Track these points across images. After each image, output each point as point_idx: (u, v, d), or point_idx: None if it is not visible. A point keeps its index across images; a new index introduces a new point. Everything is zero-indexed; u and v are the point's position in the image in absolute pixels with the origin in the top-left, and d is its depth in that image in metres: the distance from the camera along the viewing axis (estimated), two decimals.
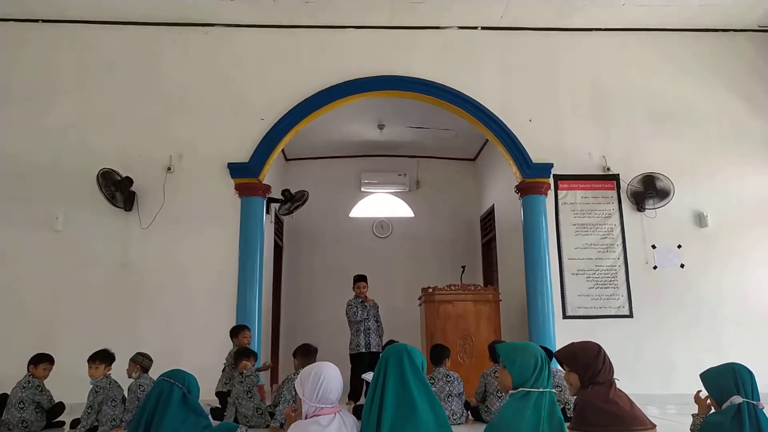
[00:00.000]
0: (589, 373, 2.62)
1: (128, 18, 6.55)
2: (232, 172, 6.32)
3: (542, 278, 6.25)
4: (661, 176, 6.39)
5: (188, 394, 2.73)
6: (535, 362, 2.38)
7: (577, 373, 2.66)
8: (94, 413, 4.40)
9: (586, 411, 2.54)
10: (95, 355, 4.57)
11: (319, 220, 9.64)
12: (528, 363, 2.38)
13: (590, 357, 2.65)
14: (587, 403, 2.56)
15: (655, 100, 6.77)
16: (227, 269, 6.13)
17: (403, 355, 2.39)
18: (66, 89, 6.48)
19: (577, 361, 2.67)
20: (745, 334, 6.18)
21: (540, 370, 2.36)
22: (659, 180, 6.38)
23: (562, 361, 2.76)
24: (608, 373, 2.64)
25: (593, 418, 2.50)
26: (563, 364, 2.75)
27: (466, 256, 9.41)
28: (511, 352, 2.46)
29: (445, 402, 4.69)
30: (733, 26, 6.89)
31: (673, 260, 6.41)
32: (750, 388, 2.65)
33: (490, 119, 6.55)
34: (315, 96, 6.49)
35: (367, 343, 6.37)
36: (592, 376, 2.61)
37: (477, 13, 6.59)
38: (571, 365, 2.70)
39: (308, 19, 6.58)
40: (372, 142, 9.38)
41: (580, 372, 2.64)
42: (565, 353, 2.76)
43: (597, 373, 2.61)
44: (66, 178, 6.24)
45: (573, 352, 2.72)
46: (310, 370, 2.41)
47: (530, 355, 2.41)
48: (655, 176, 6.40)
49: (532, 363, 2.37)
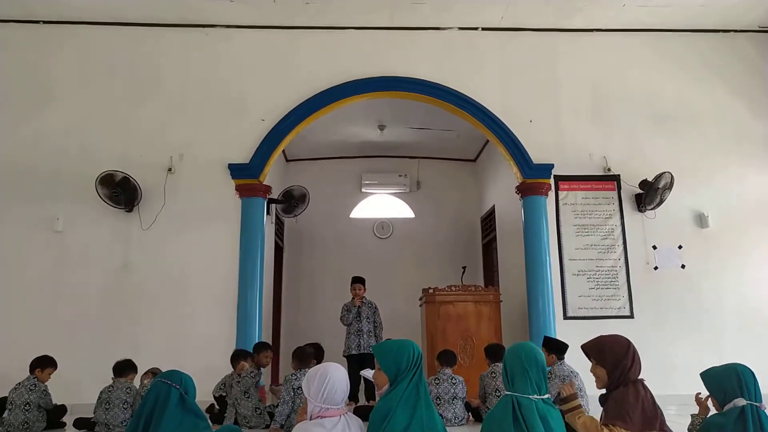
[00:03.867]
0: (619, 369, 2.61)
1: (129, 19, 6.54)
2: (232, 172, 6.32)
3: (543, 279, 6.25)
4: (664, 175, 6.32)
5: (186, 396, 2.72)
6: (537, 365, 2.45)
7: (605, 368, 2.65)
8: None
9: (624, 407, 2.52)
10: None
11: (320, 221, 9.63)
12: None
13: (620, 354, 2.65)
14: (626, 399, 2.53)
15: (656, 101, 6.76)
16: (228, 270, 6.12)
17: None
18: (67, 90, 6.48)
19: (606, 357, 2.67)
20: (745, 335, 6.18)
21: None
22: (660, 179, 6.32)
23: (590, 354, 2.74)
24: (638, 370, 2.64)
25: (632, 415, 2.49)
26: (591, 357, 2.73)
27: (467, 256, 9.41)
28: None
29: (449, 404, 4.79)
30: (733, 27, 6.89)
31: (674, 261, 6.41)
32: (753, 390, 2.63)
33: (491, 120, 6.55)
34: (315, 97, 6.49)
35: (357, 345, 6.41)
36: (623, 373, 2.61)
37: (477, 14, 6.59)
38: (599, 359, 2.69)
39: (308, 20, 6.58)
40: (372, 143, 9.37)
41: (609, 367, 2.63)
42: (593, 346, 2.75)
43: (627, 370, 2.62)
44: (66, 179, 6.24)
45: (602, 346, 2.71)
46: (317, 371, 2.42)
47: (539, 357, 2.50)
48: (655, 179, 6.33)
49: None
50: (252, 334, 5.95)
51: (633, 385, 2.59)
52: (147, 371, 5.02)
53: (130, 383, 4.67)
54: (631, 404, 2.52)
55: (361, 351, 6.35)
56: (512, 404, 2.35)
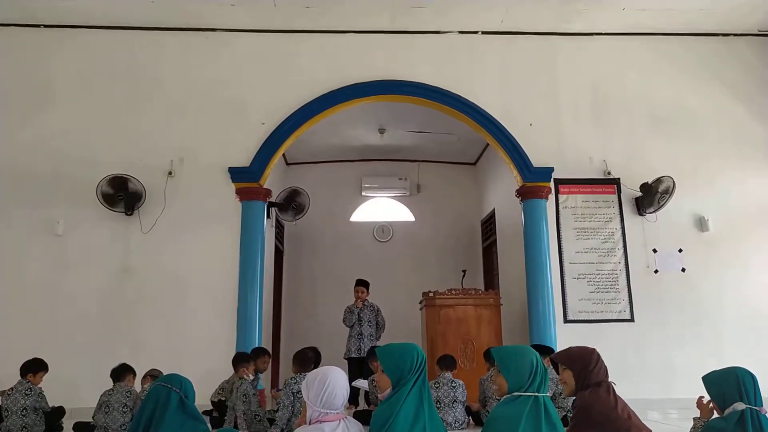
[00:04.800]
0: (585, 371, 2.64)
1: (129, 23, 6.56)
2: (233, 176, 6.33)
3: (543, 282, 6.24)
4: (665, 179, 6.33)
5: (185, 399, 2.72)
6: (531, 367, 2.38)
7: (572, 370, 2.67)
8: None
9: (588, 414, 2.54)
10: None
11: (320, 225, 9.63)
12: (523, 368, 2.37)
13: (586, 355, 2.70)
14: (589, 406, 2.55)
15: (656, 104, 6.77)
16: (228, 273, 6.12)
17: None
18: (67, 94, 6.49)
19: (574, 359, 2.71)
20: (746, 338, 6.17)
21: (535, 374, 2.36)
22: (661, 183, 6.32)
23: (559, 360, 2.80)
24: (601, 373, 2.66)
25: (595, 422, 2.49)
26: (560, 363, 2.77)
27: (467, 260, 9.41)
28: (506, 357, 2.46)
29: (450, 407, 4.79)
30: (732, 31, 6.90)
31: (675, 264, 6.40)
32: (753, 394, 2.63)
33: (491, 123, 6.56)
34: (316, 100, 6.50)
35: (358, 348, 6.42)
36: (586, 374, 2.63)
37: (477, 18, 6.60)
38: (567, 362, 2.72)
39: (309, 24, 6.59)
40: (373, 147, 9.38)
41: (577, 368, 2.66)
42: (561, 354, 2.83)
43: (590, 372, 2.63)
44: (67, 182, 6.24)
45: (569, 351, 2.80)
46: (317, 375, 2.41)
47: (525, 360, 2.41)
48: (657, 183, 6.34)
49: (527, 368, 2.37)
50: (252, 338, 5.94)
51: (598, 388, 2.59)
52: (146, 374, 5.00)
53: (130, 387, 4.66)
54: (594, 409, 2.53)
55: (362, 354, 6.36)
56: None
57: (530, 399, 2.31)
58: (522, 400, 2.32)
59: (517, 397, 2.34)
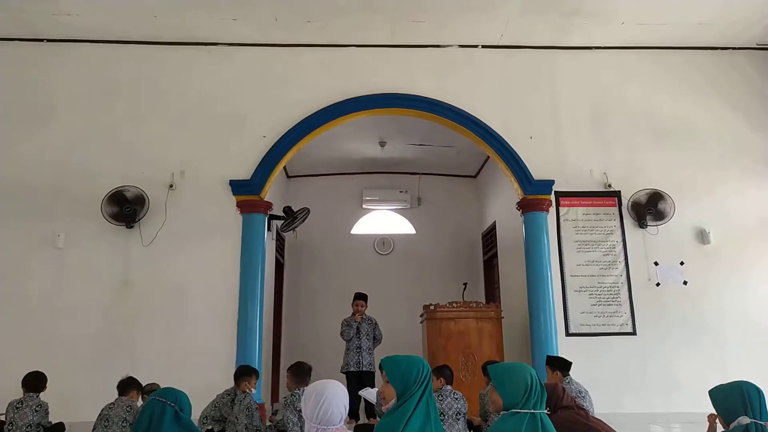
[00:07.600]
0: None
1: (131, 37, 6.60)
2: (233, 189, 6.33)
3: (544, 295, 6.22)
4: (668, 198, 6.36)
5: (180, 413, 2.71)
6: (525, 385, 2.37)
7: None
8: None
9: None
10: None
11: (321, 237, 9.63)
12: (518, 386, 2.36)
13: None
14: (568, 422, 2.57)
15: (655, 117, 6.78)
16: (228, 286, 6.10)
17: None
18: (68, 107, 6.51)
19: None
20: (748, 351, 6.13)
21: (530, 393, 2.35)
22: (663, 201, 6.36)
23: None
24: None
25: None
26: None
27: (468, 273, 9.38)
28: (501, 375, 2.45)
29: (453, 420, 4.71)
30: (731, 44, 6.93)
31: (676, 277, 6.39)
32: (758, 408, 2.60)
33: (491, 136, 6.57)
34: (316, 114, 6.52)
35: (356, 362, 6.38)
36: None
37: (477, 32, 6.64)
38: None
39: (310, 38, 6.63)
40: (373, 159, 9.40)
41: None
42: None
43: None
44: (67, 195, 6.24)
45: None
46: (313, 390, 2.36)
47: (520, 378, 2.39)
48: (662, 196, 6.38)
49: (522, 386, 2.36)
50: (252, 350, 5.92)
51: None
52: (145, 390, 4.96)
53: (131, 401, 4.63)
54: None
55: (361, 368, 6.32)
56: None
57: (527, 416, 2.31)
58: (519, 417, 2.32)
59: (514, 413, 2.34)
